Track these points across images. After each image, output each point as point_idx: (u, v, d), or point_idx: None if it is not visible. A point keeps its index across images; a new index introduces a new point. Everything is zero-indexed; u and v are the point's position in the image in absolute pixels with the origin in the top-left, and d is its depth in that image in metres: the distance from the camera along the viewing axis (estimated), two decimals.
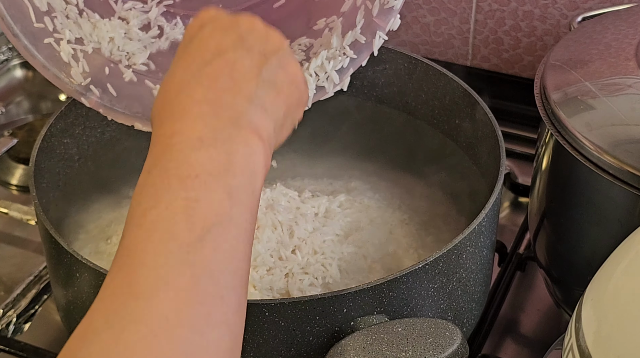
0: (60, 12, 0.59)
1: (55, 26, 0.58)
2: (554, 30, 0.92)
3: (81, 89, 0.59)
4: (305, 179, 0.80)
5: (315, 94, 0.63)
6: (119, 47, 0.62)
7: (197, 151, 0.42)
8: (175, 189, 0.41)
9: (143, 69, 0.62)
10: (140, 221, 0.41)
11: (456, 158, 0.76)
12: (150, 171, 0.43)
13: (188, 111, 0.44)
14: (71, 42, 0.58)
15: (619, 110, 0.63)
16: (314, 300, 0.55)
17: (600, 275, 0.48)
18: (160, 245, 0.40)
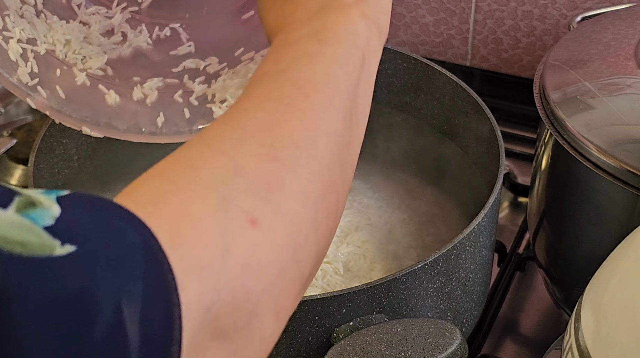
0: (14, 10, 0.58)
1: (5, 24, 0.57)
2: (553, 30, 0.92)
3: (27, 89, 0.58)
4: None
5: None
6: (75, 51, 0.61)
7: None
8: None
9: (99, 74, 0.61)
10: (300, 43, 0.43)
11: (455, 158, 0.76)
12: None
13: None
14: (22, 41, 0.57)
15: (619, 110, 0.63)
16: (313, 300, 0.55)
17: (599, 275, 0.48)
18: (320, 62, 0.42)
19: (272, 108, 0.39)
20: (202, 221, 0.33)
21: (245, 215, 0.34)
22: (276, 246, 0.35)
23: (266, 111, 0.39)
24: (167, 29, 0.66)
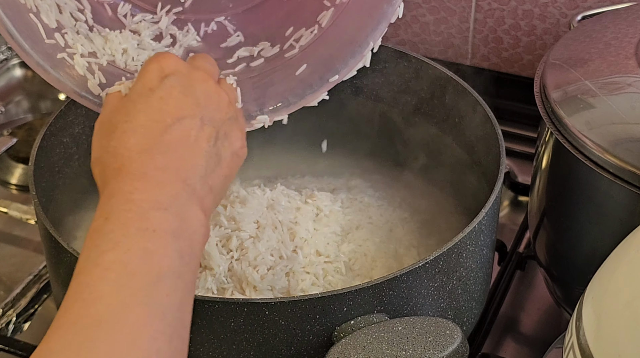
0: (70, 28, 0.60)
1: (66, 41, 0.59)
2: (553, 29, 0.92)
3: (99, 100, 0.59)
4: (305, 177, 0.80)
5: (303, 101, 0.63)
6: (133, 58, 0.62)
7: (155, 210, 0.47)
8: (134, 238, 0.45)
9: None
10: (98, 261, 0.44)
11: (456, 156, 0.76)
12: (108, 218, 0.46)
13: (149, 176, 0.48)
14: (84, 55, 0.59)
15: (619, 109, 0.63)
16: (314, 298, 0.55)
17: (601, 273, 0.48)
18: (117, 282, 0.44)
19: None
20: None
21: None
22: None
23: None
24: (213, 24, 0.67)
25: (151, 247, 0.45)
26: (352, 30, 0.63)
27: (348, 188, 0.78)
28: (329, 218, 0.71)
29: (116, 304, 0.43)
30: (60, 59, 0.58)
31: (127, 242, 0.45)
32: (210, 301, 0.55)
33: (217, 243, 0.66)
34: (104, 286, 0.43)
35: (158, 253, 0.45)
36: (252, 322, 0.55)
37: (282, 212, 0.69)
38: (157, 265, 0.45)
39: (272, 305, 0.55)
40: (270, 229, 0.68)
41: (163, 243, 0.46)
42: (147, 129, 0.50)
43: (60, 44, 0.59)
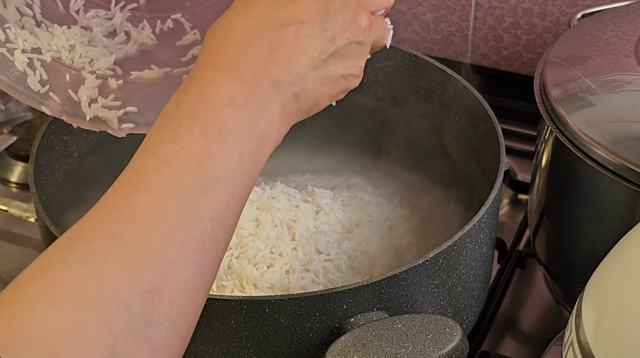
0: (14, 22, 0.59)
1: (7, 36, 0.58)
2: (553, 27, 0.92)
3: (39, 98, 0.58)
4: (305, 175, 0.80)
5: None
6: (81, 55, 0.61)
7: (226, 107, 0.45)
8: (197, 134, 0.44)
9: (109, 74, 0.62)
10: (156, 150, 0.44)
11: (456, 154, 0.76)
12: (179, 104, 0.45)
13: (234, 69, 0.46)
14: (27, 51, 0.58)
15: (619, 107, 0.63)
16: (314, 296, 0.55)
17: (600, 270, 0.48)
18: (167, 178, 0.43)
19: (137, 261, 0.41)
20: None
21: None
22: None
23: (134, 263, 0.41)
24: (170, 21, 0.66)
25: (210, 147, 0.44)
26: None
27: (348, 185, 0.78)
28: (328, 215, 0.71)
29: (158, 202, 0.42)
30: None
31: (188, 138, 0.44)
32: (210, 299, 0.55)
33: None
34: (153, 179, 0.43)
35: (215, 155, 0.44)
36: (252, 320, 0.55)
37: (281, 210, 0.70)
38: (211, 167, 0.44)
39: (272, 302, 0.55)
40: (269, 227, 0.68)
41: (224, 144, 0.44)
42: (259, 20, 0.47)
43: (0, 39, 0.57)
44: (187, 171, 0.43)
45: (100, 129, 0.60)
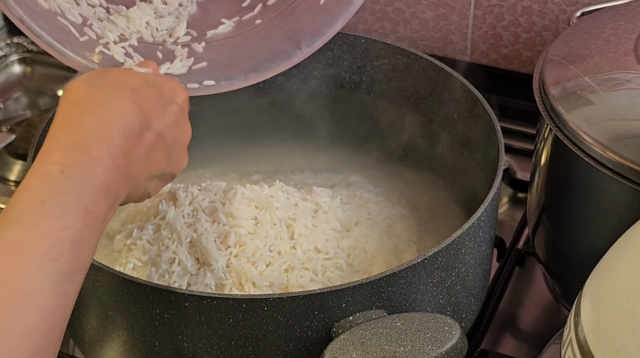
0: (92, 17, 0.60)
1: (96, 33, 0.59)
2: (552, 25, 0.92)
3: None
4: (305, 173, 0.80)
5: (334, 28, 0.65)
6: (157, 29, 0.63)
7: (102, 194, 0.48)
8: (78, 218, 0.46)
9: (188, 39, 0.65)
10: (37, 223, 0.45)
11: (455, 153, 0.76)
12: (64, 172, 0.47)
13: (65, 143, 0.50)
14: (117, 42, 0.60)
15: (618, 105, 0.63)
16: (312, 294, 0.55)
17: (599, 269, 0.48)
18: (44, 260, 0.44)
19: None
20: None
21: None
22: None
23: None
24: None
25: (86, 233, 0.46)
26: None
27: (347, 183, 0.78)
28: (328, 214, 0.71)
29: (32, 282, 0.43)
30: (98, 52, 0.59)
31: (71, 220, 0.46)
32: (208, 298, 0.55)
33: (215, 239, 0.66)
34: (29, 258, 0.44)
35: (87, 241, 0.46)
36: (251, 318, 0.55)
37: (280, 209, 0.69)
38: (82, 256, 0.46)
39: (271, 301, 0.55)
40: (268, 225, 0.68)
41: (93, 232, 0.47)
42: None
43: (93, 38, 0.60)
44: (63, 256, 0.45)
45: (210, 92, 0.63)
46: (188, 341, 0.57)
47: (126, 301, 0.57)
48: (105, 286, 0.58)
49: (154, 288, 0.56)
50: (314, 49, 0.65)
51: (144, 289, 0.56)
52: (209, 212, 0.68)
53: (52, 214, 0.45)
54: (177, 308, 0.56)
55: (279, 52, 0.65)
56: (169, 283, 0.64)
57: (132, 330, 0.59)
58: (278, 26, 0.65)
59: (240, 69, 0.64)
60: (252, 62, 0.64)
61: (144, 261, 0.66)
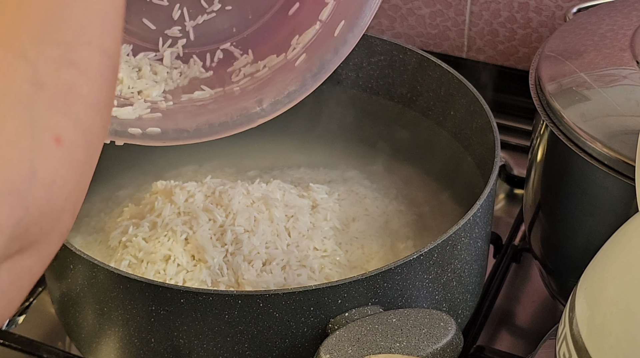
0: None
1: None
2: (549, 21, 0.92)
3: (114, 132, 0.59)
4: (301, 168, 0.80)
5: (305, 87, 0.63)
6: (129, 86, 0.62)
7: None
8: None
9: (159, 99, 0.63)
10: None
11: (452, 149, 0.76)
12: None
13: None
14: None
15: (614, 101, 0.63)
16: (308, 291, 0.55)
17: (593, 264, 0.48)
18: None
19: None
20: (11, 146, 0.34)
21: (50, 134, 0.36)
22: (77, 161, 0.37)
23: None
24: (219, 52, 0.66)
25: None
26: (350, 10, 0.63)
27: (344, 179, 0.78)
28: (325, 210, 0.71)
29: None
30: None
31: None
32: (204, 294, 0.55)
33: (211, 236, 0.66)
34: None
35: None
36: (247, 314, 0.55)
37: (277, 206, 0.69)
38: None
39: (267, 297, 0.55)
40: (266, 223, 0.68)
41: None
42: None
43: None
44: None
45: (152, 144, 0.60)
46: (184, 337, 0.57)
47: (122, 298, 0.57)
48: (101, 282, 0.58)
49: (150, 285, 0.56)
50: (276, 109, 0.61)
51: (139, 285, 0.56)
52: (205, 209, 0.68)
53: None
54: (173, 304, 0.56)
55: (238, 108, 0.62)
56: (165, 280, 0.64)
57: (128, 326, 0.59)
58: (252, 92, 0.63)
59: (194, 122, 0.61)
60: (208, 117, 0.61)
61: (139, 258, 0.66)
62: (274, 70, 0.64)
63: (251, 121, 0.62)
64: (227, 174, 0.79)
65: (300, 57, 0.63)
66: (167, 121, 0.61)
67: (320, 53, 0.62)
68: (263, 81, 0.64)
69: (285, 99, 0.62)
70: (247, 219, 0.67)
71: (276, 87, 0.63)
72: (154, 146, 0.61)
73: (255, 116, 0.62)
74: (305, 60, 0.63)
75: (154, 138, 0.60)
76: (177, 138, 0.61)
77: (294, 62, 0.63)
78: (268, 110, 0.62)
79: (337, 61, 0.62)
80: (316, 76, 0.62)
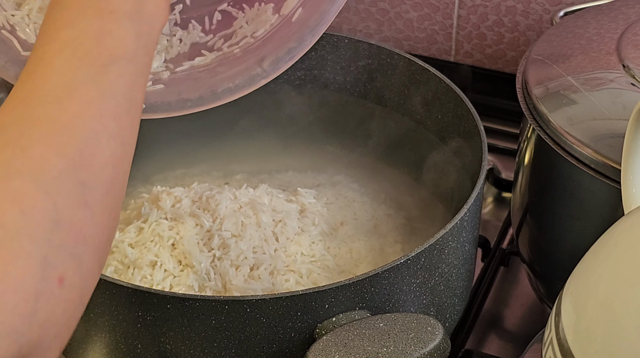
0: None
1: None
2: (536, 25, 0.93)
3: None
4: (289, 172, 0.79)
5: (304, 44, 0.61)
6: None
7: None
8: (91, 17, 0.45)
9: (160, 70, 0.62)
10: (54, 37, 0.44)
11: (439, 153, 0.76)
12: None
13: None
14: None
15: (601, 104, 0.63)
16: (295, 296, 0.55)
17: (579, 268, 0.48)
18: (71, 60, 0.43)
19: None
20: (20, 287, 0.35)
21: (57, 275, 0.37)
22: (72, 301, 0.38)
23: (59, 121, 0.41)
24: (217, 14, 0.66)
25: (108, 27, 0.45)
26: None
27: (332, 183, 0.78)
28: (313, 215, 0.71)
29: (67, 82, 0.42)
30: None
31: (84, 21, 0.44)
32: (191, 299, 0.55)
33: (198, 241, 0.66)
34: (57, 63, 0.43)
35: (114, 34, 0.45)
36: (234, 320, 0.55)
37: (265, 211, 0.69)
38: (111, 46, 0.45)
39: (254, 302, 0.55)
40: (253, 228, 0.68)
41: (120, 24, 0.45)
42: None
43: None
44: (89, 51, 0.44)
45: (157, 116, 0.60)
46: (171, 343, 0.57)
47: (108, 304, 0.57)
48: None
49: (136, 290, 0.56)
50: (277, 68, 0.61)
51: (125, 291, 0.56)
52: (192, 214, 0.67)
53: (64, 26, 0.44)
54: (160, 310, 0.56)
55: (240, 71, 0.61)
56: (152, 286, 0.64)
57: (115, 332, 0.58)
58: (252, 52, 0.62)
59: (196, 91, 0.61)
60: (210, 83, 0.61)
61: (125, 263, 0.65)
62: (272, 28, 0.63)
63: (253, 82, 0.61)
64: (215, 178, 0.78)
65: (296, 12, 0.62)
66: (170, 93, 0.60)
67: (316, 4, 0.61)
68: (262, 40, 0.63)
69: (285, 56, 0.61)
70: (235, 224, 0.67)
71: (275, 45, 0.62)
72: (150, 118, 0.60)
73: (257, 77, 0.61)
74: (302, 14, 0.61)
75: (157, 109, 0.60)
76: (181, 107, 0.60)
77: (291, 18, 0.62)
78: (269, 70, 0.61)
79: (335, 10, 0.60)
80: (314, 30, 0.61)
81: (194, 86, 0.61)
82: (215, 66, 0.62)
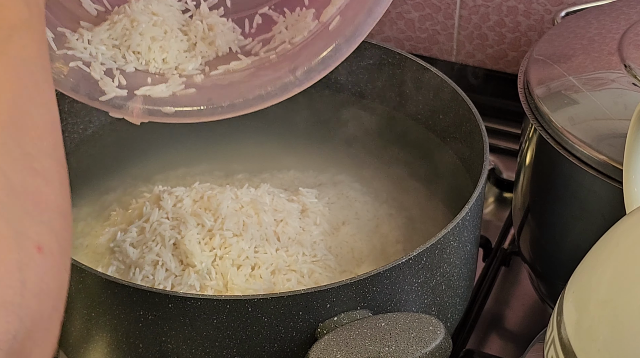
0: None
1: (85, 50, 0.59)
2: (538, 25, 0.93)
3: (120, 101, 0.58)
4: (291, 171, 0.79)
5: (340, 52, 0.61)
6: (164, 60, 0.61)
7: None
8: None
9: (195, 73, 0.62)
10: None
11: (441, 153, 0.76)
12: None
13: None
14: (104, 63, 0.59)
15: (602, 104, 0.63)
16: (297, 295, 0.55)
17: (581, 268, 0.48)
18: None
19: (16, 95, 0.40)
20: (2, 260, 0.35)
21: (32, 243, 0.37)
22: (56, 267, 0.38)
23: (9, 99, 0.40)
24: (258, 17, 0.65)
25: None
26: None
27: (334, 183, 0.78)
28: (315, 214, 0.71)
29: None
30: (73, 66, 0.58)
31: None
32: (192, 298, 0.55)
33: (199, 241, 0.66)
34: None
35: (4, 4, 0.44)
36: (235, 319, 0.55)
37: (266, 210, 0.69)
38: (7, 17, 0.43)
39: (255, 301, 0.55)
40: (254, 227, 0.68)
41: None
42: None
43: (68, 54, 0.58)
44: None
45: (186, 121, 0.60)
46: (172, 342, 0.57)
47: (109, 303, 0.57)
48: (89, 288, 0.58)
49: (138, 290, 0.56)
50: (310, 77, 0.59)
51: (127, 290, 0.56)
52: (194, 214, 0.67)
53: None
54: (161, 309, 0.56)
55: (272, 79, 0.60)
56: (153, 285, 0.64)
57: (116, 331, 0.58)
58: (288, 59, 0.61)
59: (227, 97, 0.59)
60: (242, 90, 0.60)
61: (127, 263, 0.65)
62: (310, 35, 0.63)
63: (286, 91, 0.60)
64: (216, 177, 0.78)
65: (334, 20, 0.61)
66: (200, 97, 0.60)
67: (353, 15, 0.60)
68: (299, 47, 0.62)
69: (319, 66, 0.59)
70: (236, 223, 0.67)
71: (310, 53, 0.61)
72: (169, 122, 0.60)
73: (290, 85, 0.59)
74: (339, 23, 0.61)
75: (187, 115, 0.59)
76: (211, 113, 0.60)
77: (328, 26, 0.61)
78: (302, 79, 0.59)
79: (371, 22, 0.59)
80: (350, 40, 0.60)
81: (225, 92, 0.60)
82: (248, 72, 0.62)
